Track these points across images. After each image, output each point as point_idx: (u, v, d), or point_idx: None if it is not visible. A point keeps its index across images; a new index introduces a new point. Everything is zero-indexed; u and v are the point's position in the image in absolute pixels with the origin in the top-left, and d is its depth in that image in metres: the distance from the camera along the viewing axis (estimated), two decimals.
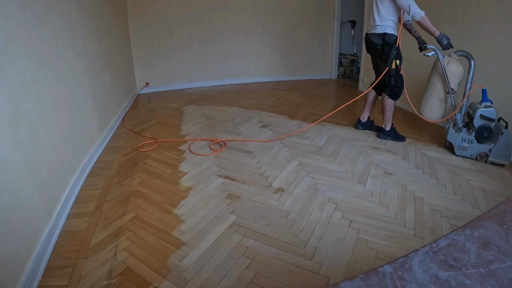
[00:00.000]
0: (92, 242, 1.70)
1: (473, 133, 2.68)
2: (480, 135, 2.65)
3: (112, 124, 3.31)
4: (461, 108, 2.75)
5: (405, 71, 3.21)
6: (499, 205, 0.64)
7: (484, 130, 2.62)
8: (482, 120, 2.62)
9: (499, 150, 2.59)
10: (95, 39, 2.99)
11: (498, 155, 2.61)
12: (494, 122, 2.61)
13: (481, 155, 2.68)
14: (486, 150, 2.66)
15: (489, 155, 2.64)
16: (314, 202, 2.04)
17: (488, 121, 2.61)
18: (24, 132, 1.59)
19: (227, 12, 5.11)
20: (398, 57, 2.79)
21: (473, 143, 2.70)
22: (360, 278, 0.47)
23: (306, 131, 3.24)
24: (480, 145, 2.68)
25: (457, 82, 2.73)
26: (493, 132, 2.62)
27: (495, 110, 2.58)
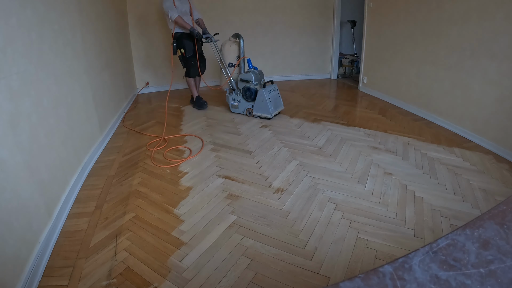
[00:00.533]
0: (92, 242, 1.70)
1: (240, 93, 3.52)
2: (243, 94, 3.48)
3: (112, 124, 3.31)
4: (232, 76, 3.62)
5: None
6: (499, 205, 0.64)
7: (245, 90, 3.45)
8: (242, 82, 3.42)
9: (258, 106, 3.41)
10: (95, 39, 2.99)
11: (259, 110, 3.43)
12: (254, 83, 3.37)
13: (249, 111, 3.53)
14: (250, 106, 3.48)
15: (254, 110, 3.46)
16: (314, 202, 2.04)
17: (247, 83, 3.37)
18: (24, 132, 1.59)
19: (227, 12, 5.11)
20: (179, 46, 3.64)
21: (241, 102, 3.53)
22: (360, 278, 0.47)
23: (306, 131, 3.24)
24: (247, 103, 3.51)
25: (234, 56, 3.65)
26: (253, 92, 3.41)
27: (252, 74, 3.39)
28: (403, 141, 2.99)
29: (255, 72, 3.45)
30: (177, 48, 3.64)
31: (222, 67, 3.62)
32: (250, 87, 3.34)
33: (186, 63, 3.76)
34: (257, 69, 3.55)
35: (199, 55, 3.83)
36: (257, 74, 3.50)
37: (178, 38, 3.63)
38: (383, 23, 4.29)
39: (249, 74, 3.35)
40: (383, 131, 3.24)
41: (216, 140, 3.05)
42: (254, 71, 3.46)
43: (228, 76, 3.54)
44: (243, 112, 3.47)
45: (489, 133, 2.81)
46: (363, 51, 4.81)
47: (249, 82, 3.34)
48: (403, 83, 3.99)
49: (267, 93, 3.35)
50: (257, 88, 3.38)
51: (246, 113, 3.42)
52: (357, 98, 4.56)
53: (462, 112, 3.12)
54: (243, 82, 3.42)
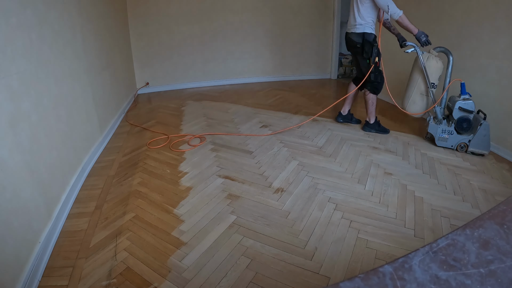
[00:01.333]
0: (92, 242, 1.70)
1: (452, 124, 2.82)
2: (459, 126, 2.79)
3: (112, 124, 3.31)
4: (441, 101, 2.88)
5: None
6: (499, 205, 0.64)
7: (463, 121, 2.76)
8: (460, 112, 2.75)
9: (478, 140, 2.71)
10: (95, 39, 2.99)
11: (478, 145, 2.73)
12: (473, 113, 2.72)
13: (461, 145, 2.82)
14: (466, 140, 2.78)
15: (469, 145, 2.76)
16: (314, 202, 2.04)
17: (467, 112, 2.74)
18: (24, 132, 1.59)
19: (227, 12, 5.11)
20: (378, 54, 2.94)
21: (453, 134, 2.84)
22: (360, 278, 0.47)
23: (306, 131, 3.24)
24: (459, 136, 2.81)
25: (437, 76, 2.86)
26: (472, 123, 2.74)
27: (473, 102, 2.70)
28: (403, 141, 2.99)
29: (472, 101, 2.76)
30: (378, 54, 2.93)
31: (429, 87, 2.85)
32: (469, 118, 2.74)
33: (377, 76, 3.02)
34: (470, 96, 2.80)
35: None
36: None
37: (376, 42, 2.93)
38: None
39: (471, 102, 2.72)
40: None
41: (216, 140, 3.05)
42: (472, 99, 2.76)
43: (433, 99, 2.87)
44: (452, 146, 2.83)
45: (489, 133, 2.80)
46: None
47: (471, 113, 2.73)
48: (403, 83, 3.98)
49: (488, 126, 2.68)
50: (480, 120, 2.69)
51: (458, 148, 2.80)
52: (357, 98, 4.56)
53: None
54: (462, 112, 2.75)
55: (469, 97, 2.75)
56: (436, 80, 2.86)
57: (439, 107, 2.87)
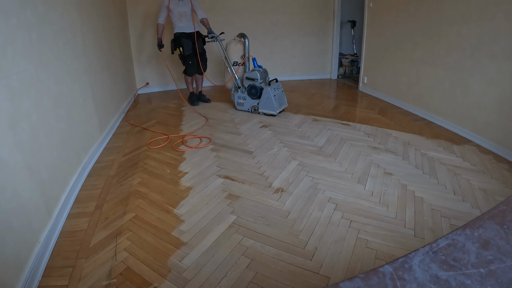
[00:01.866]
0: (92, 242, 1.70)
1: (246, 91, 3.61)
2: (249, 92, 3.59)
3: (112, 124, 3.31)
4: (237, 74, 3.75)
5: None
6: (499, 205, 0.64)
7: (251, 88, 3.57)
8: (248, 80, 3.54)
9: (263, 103, 3.53)
10: (95, 39, 2.99)
11: (264, 107, 3.54)
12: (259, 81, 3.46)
13: (254, 108, 3.64)
14: (256, 103, 3.59)
15: (259, 107, 3.58)
16: (314, 202, 2.04)
17: (252, 81, 3.48)
18: (24, 132, 1.59)
19: (227, 12, 5.11)
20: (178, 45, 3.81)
21: (246, 99, 3.65)
22: (360, 278, 0.47)
23: (306, 131, 3.24)
24: (252, 100, 3.63)
25: (238, 55, 3.82)
26: (258, 90, 3.52)
27: (257, 73, 3.50)
28: (403, 141, 2.99)
29: (260, 71, 3.57)
30: (176, 47, 3.82)
31: (227, 66, 3.75)
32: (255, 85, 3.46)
33: (184, 62, 3.92)
34: (262, 68, 3.66)
35: (200, 54, 3.93)
36: (262, 72, 3.62)
37: (177, 37, 3.82)
38: (383, 23, 4.29)
39: (255, 72, 3.47)
40: (383, 130, 3.24)
41: (216, 140, 3.05)
42: (259, 70, 3.58)
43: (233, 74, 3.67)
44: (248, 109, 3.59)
45: (489, 133, 2.81)
46: (363, 51, 4.81)
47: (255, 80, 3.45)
48: (403, 83, 3.99)
49: (272, 91, 3.49)
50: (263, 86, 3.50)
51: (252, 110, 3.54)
52: (357, 98, 4.57)
53: (462, 112, 3.12)
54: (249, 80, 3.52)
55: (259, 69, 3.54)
56: (238, 59, 3.83)
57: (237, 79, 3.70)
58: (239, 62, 3.79)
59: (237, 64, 3.78)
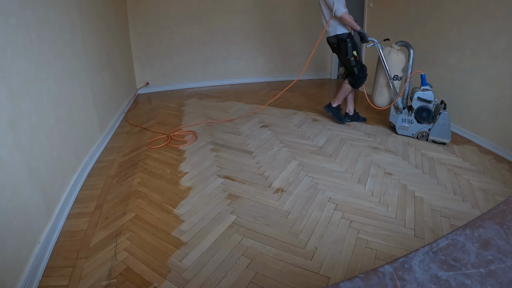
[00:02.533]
0: (92, 242, 1.70)
1: (413, 114, 2.98)
2: (418, 115, 2.95)
3: (112, 124, 3.31)
4: (403, 92, 3.07)
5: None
6: (499, 205, 0.64)
7: (422, 111, 2.92)
8: (419, 101, 2.92)
9: (438, 129, 2.88)
10: (95, 39, 2.99)
11: (438, 134, 2.90)
12: (432, 103, 2.90)
13: (422, 133, 3.00)
14: (426, 129, 2.96)
15: (429, 134, 2.94)
16: (314, 202, 2.04)
17: (426, 102, 2.90)
18: (24, 132, 1.59)
19: (227, 12, 5.11)
20: (354, 48, 3.09)
21: (413, 123, 3.01)
22: (360, 278, 0.47)
23: (306, 131, 3.24)
24: (420, 124, 2.98)
25: (399, 69, 3.02)
26: (432, 113, 2.90)
27: (431, 93, 2.89)
28: (403, 141, 2.99)
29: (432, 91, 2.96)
30: (353, 49, 3.09)
31: (389, 80, 3.03)
32: (428, 108, 2.89)
33: (360, 70, 3.17)
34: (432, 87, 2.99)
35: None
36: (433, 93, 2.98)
37: (350, 37, 3.10)
38: (383, 23, 4.29)
39: (430, 93, 2.89)
40: (383, 130, 3.24)
41: (216, 140, 3.05)
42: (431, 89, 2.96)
43: (395, 91, 3.04)
44: (413, 134, 3.01)
45: (489, 133, 2.81)
46: (363, 51, 4.81)
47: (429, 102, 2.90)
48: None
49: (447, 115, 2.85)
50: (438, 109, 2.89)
51: (418, 137, 2.97)
52: (357, 98, 4.56)
53: (462, 112, 3.11)
54: (421, 102, 2.92)
55: (429, 88, 2.92)
56: (399, 72, 3.02)
57: (400, 97, 3.06)
58: (399, 77, 3.04)
59: (397, 79, 3.04)
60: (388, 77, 3.02)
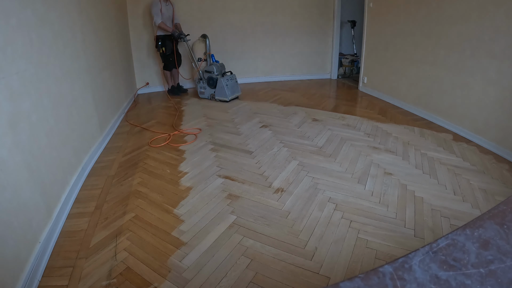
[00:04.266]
0: (92, 242, 1.70)
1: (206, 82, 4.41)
2: (208, 83, 4.38)
3: (112, 124, 3.31)
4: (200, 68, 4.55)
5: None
6: (499, 205, 0.64)
7: (209, 79, 4.35)
8: (207, 73, 4.39)
9: (219, 91, 4.30)
10: (95, 39, 2.99)
11: (219, 94, 4.31)
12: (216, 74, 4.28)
13: (212, 95, 4.41)
14: (213, 92, 4.38)
15: (215, 95, 4.34)
16: (314, 202, 2.04)
17: (210, 73, 4.34)
18: (24, 132, 1.59)
19: (227, 12, 5.11)
20: (162, 45, 4.44)
21: (206, 89, 4.46)
22: (360, 278, 0.47)
23: (306, 131, 3.24)
24: (211, 89, 4.40)
25: (201, 52, 4.80)
26: (215, 80, 4.30)
27: (214, 66, 4.31)
28: (403, 141, 2.99)
29: (216, 65, 4.35)
30: (161, 47, 4.46)
31: (192, 61, 4.59)
32: (212, 77, 4.27)
33: (165, 59, 4.59)
34: (219, 63, 4.47)
35: (176, 52, 4.64)
36: (218, 66, 4.37)
37: (162, 38, 4.45)
38: (383, 23, 4.29)
39: (212, 66, 4.31)
40: (383, 130, 3.24)
41: (216, 140, 3.05)
42: (216, 64, 4.37)
43: (197, 68, 4.52)
44: (207, 97, 4.43)
45: (489, 133, 2.81)
46: (363, 51, 4.81)
47: (212, 73, 4.29)
48: (403, 83, 3.99)
49: (225, 81, 4.24)
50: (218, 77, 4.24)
51: (210, 98, 4.39)
52: (357, 98, 4.57)
53: (462, 112, 3.12)
54: (207, 73, 4.34)
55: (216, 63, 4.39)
56: (202, 55, 4.75)
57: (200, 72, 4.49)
58: (201, 58, 4.68)
59: (200, 60, 4.64)
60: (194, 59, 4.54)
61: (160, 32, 4.42)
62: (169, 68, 4.68)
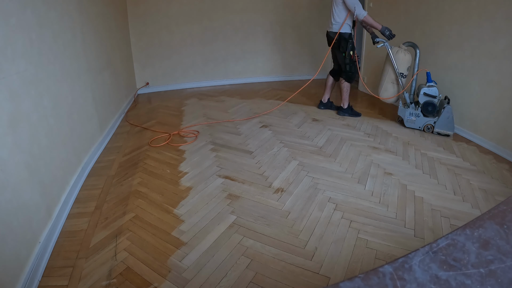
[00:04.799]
0: (92, 242, 1.70)
1: (419, 108, 3.25)
2: (424, 109, 3.23)
3: (112, 124, 3.31)
4: (409, 88, 3.34)
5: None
6: (499, 205, 0.64)
7: (428, 105, 3.19)
8: (425, 96, 3.20)
9: (442, 122, 3.15)
10: (95, 39, 2.99)
11: (442, 126, 3.18)
12: (437, 98, 3.16)
13: (427, 126, 3.27)
14: (432, 122, 3.24)
15: (435, 126, 3.21)
16: (314, 202, 2.04)
17: (431, 97, 3.18)
18: (24, 132, 1.59)
19: (227, 12, 5.11)
20: (352, 48, 3.46)
21: (419, 117, 3.29)
22: (360, 278, 0.47)
23: (306, 131, 3.24)
24: (426, 118, 3.26)
25: (406, 67, 3.29)
26: (437, 107, 3.17)
27: (436, 89, 3.16)
28: (403, 141, 2.99)
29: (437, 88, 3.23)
30: (352, 49, 3.45)
31: (398, 77, 3.30)
32: (433, 102, 3.16)
33: (351, 67, 3.54)
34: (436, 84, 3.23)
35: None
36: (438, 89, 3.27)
37: (349, 38, 3.44)
38: (383, 23, 4.29)
39: (435, 89, 3.17)
40: (383, 130, 3.24)
41: (216, 140, 3.05)
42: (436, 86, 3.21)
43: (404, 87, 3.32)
44: (419, 127, 3.30)
45: (489, 133, 2.81)
46: (363, 51, 4.81)
47: (434, 98, 3.17)
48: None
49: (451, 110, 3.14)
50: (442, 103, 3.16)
51: (424, 129, 3.26)
52: (357, 98, 4.56)
53: (462, 112, 3.11)
54: (427, 97, 3.20)
55: (434, 84, 3.17)
56: (405, 71, 3.30)
57: (407, 93, 3.32)
58: (405, 75, 3.33)
59: (403, 77, 3.33)
60: (397, 73, 3.28)
61: (346, 28, 3.38)
62: (352, 80, 3.62)
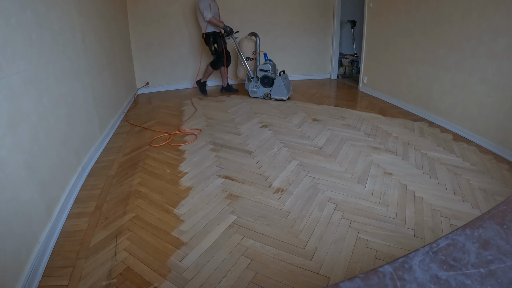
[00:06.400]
0: (92, 242, 1.70)
1: (259, 81, 4.37)
2: (262, 81, 4.35)
3: (112, 124, 3.31)
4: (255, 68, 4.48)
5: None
6: (499, 205, 0.64)
7: (264, 78, 4.32)
8: (261, 72, 4.33)
9: (275, 90, 4.30)
10: (95, 39, 2.99)
11: (276, 93, 4.30)
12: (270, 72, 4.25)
13: (266, 94, 4.39)
14: (268, 91, 4.35)
15: (271, 94, 4.33)
16: (314, 202, 2.04)
17: (265, 72, 4.28)
18: (24, 132, 1.59)
19: (227, 12, 5.11)
20: (214, 42, 4.40)
21: (259, 88, 4.40)
22: (360, 278, 0.47)
23: (306, 131, 3.24)
24: (264, 88, 4.38)
25: (251, 52, 4.59)
26: (271, 79, 4.28)
27: (269, 65, 4.26)
28: (403, 141, 2.99)
29: (271, 64, 4.32)
30: (213, 43, 4.38)
31: (241, 60, 4.46)
32: (268, 76, 4.22)
33: (217, 56, 4.49)
34: (272, 61, 4.37)
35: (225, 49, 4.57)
36: (272, 65, 4.37)
37: (213, 35, 4.39)
38: (383, 23, 4.29)
39: (267, 65, 4.24)
40: (383, 130, 3.24)
41: (216, 140, 3.05)
42: (270, 63, 4.30)
43: (247, 68, 4.39)
44: (261, 96, 4.38)
45: (489, 133, 2.81)
46: (363, 51, 4.81)
47: (268, 72, 4.22)
48: (403, 83, 3.99)
49: (282, 80, 4.22)
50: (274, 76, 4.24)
51: (264, 97, 4.35)
52: (357, 98, 4.57)
53: (462, 112, 3.12)
54: (262, 72, 4.27)
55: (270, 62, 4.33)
56: (251, 54, 4.58)
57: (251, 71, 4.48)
58: (251, 57, 4.54)
59: (250, 59, 4.52)
60: (241, 57, 4.44)
61: (210, 28, 4.35)
62: (217, 67, 4.60)
